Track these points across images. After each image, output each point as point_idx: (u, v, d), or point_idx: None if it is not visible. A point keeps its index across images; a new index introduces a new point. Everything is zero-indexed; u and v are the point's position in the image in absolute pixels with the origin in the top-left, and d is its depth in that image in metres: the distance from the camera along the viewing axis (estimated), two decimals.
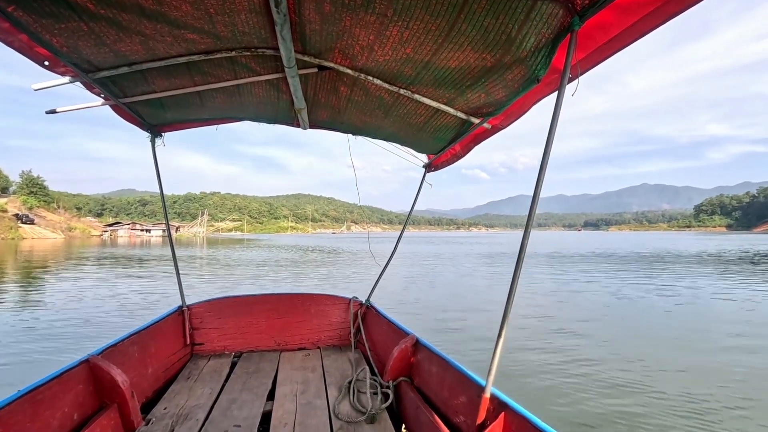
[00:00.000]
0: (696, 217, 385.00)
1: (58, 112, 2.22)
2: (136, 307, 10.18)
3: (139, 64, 2.03)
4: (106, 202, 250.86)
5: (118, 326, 8.07)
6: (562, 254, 33.18)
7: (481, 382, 1.88)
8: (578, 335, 7.71)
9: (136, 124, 2.80)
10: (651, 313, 9.95)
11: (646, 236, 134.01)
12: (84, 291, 12.80)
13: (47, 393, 1.81)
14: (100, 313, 9.55)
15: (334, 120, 3.00)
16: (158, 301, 11.11)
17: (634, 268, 21.93)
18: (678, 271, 20.10)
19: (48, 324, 8.39)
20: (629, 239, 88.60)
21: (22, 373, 5.51)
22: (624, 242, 65.06)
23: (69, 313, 9.42)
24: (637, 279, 16.81)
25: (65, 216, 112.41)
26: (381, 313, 3.38)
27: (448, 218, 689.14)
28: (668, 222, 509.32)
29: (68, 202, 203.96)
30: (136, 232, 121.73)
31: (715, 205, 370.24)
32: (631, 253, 34.46)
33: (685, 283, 15.44)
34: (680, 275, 18.05)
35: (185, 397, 2.60)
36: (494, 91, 1.96)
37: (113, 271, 19.39)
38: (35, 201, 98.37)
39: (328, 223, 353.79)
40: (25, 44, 1.67)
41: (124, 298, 11.47)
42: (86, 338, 7.32)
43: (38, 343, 7.06)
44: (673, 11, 1.20)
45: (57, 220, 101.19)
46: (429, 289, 13.58)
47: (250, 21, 1.71)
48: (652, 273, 19.20)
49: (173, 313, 3.24)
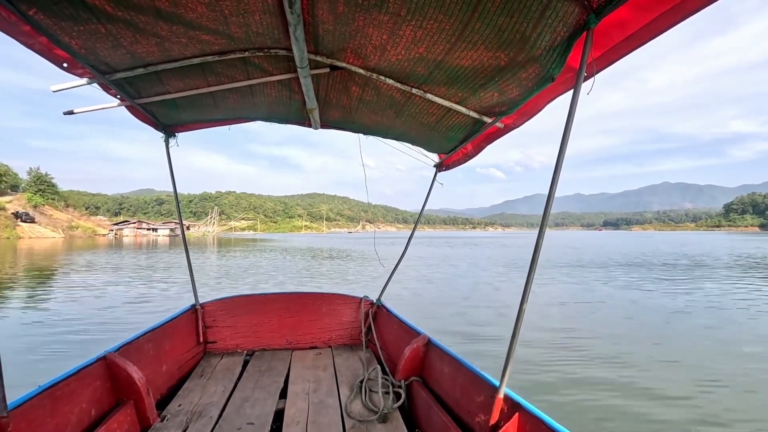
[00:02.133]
0: (726, 216, 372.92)
1: (75, 113, 2.25)
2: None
3: (155, 65, 2.05)
4: (124, 201, 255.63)
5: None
6: (593, 261, 25.00)
7: (494, 383, 1.88)
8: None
9: (150, 124, 2.82)
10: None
11: (674, 236, 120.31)
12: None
13: (66, 389, 1.85)
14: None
15: (345, 120, 2.98)
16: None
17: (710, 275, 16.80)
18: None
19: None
20: (658, 240, 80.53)
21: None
22: (656, 243, 56.60)
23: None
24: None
25: (74, 214, 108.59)
26: (392, 313, 3.38)
27: (463, 217, 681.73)
28: (695, 221, 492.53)
29: (85, 200, 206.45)
30: (142, 231, 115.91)
31: (747, 203, 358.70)
32: (679, 258, 26.97)
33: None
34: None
35: (199, 394, 2.63)
36: (507, 90, 1.92)
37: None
38: (40, 199, 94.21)
39: (343, 223, 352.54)
40: (45, 46, 1.70)
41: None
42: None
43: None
44: (693, 8, 1.17)
45: (63, 218, 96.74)
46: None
47: (263, 22, 1.72)
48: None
49: (187, 311, 3.28)
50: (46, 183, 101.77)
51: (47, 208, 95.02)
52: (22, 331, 7.53)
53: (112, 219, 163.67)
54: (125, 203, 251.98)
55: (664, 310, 9.72)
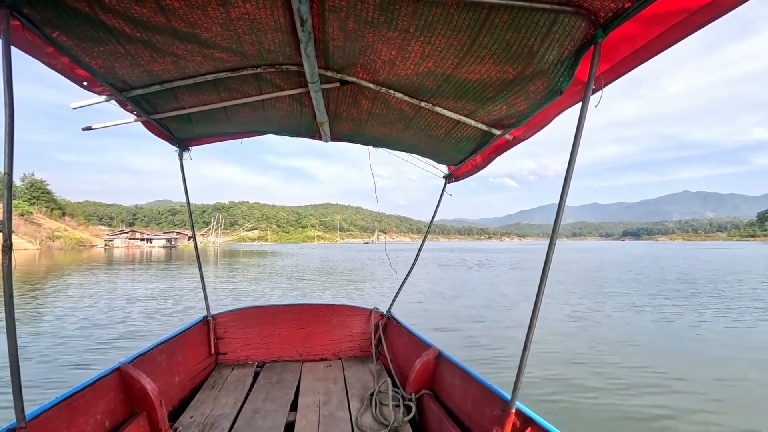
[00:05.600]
0: (761, 226, 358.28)
1: (93, 129, 2.30)
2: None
3: (170, 82, 2.11)
4: (138, 211, 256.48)
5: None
6: (653, 277, 19.97)
7: (506, 397, 1.86)
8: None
9: (165, 138, 2.88)
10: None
11: (712, 248, 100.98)
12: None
13: (82, 400, 1.89)
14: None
15: (355, 132, 3.01)
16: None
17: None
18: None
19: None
20: (696, 252, 63.84)
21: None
22: (699, 256, 46.08)
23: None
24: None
25: (70, 224, 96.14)
26: (402, 325, 3.35)
27: (478, 227, 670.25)
28: (720, 230, 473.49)
29: (100, 211, 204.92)
30: (135, 242, 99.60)
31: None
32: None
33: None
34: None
35: (210, 406, 2.64)
36: (516, 103, 1.93)
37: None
38: (29, 206, 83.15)
39: (356, 233, 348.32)
40: (67, 66, 1.78)
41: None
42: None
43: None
44: (701, 22, 1.16)
45: (55, 227, 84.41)
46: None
47: (276, 39, 1.76)
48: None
49: (199, 322, 3.29)
50: (41, 190, 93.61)
51: (38, 217, 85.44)
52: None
53: (113, 229, 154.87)
54: (139, 213, 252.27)
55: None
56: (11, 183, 1.40)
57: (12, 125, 1.37)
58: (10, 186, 1.41)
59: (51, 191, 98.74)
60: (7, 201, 1.41)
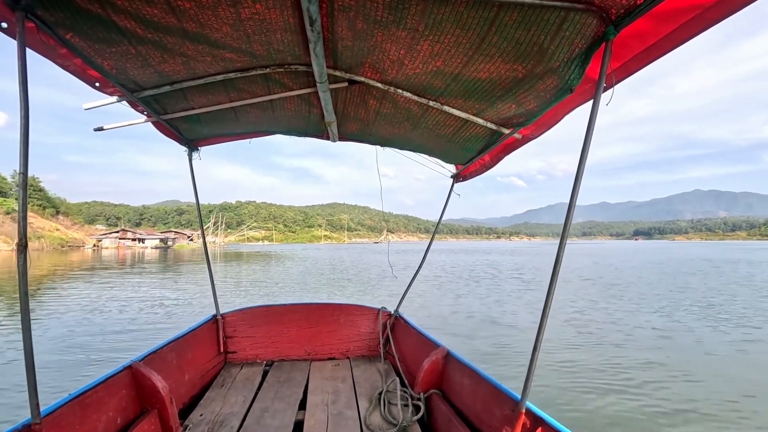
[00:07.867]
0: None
1: (105, 129, 2.32)
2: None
3: (180, 82, 2.12)
4: (145, 212, 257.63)
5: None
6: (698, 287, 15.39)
7: (515, 396, 1.85)
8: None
9: (174, 138, 2.90)
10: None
11: (737, 248, 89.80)
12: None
13: (94, 397, 1.91)
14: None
15: (362, 132, 3.00)
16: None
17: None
18: None
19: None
20: (726, 255, 50.68)
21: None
22: (732, 258, 39.58)
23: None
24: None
25: (64, 223, 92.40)
26: (410, 324, 3.35)
27: (486, 227, 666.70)
28: (734, 230, 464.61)
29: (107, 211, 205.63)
30: (126, 242, 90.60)
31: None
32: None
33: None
34: None
35: (220, 404, 2.66)
36: (525, 101, 1.91)
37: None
38: (14, 204, 73.13)
39: (364, 232, 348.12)
40: (79, 67, 1.80)
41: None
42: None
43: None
44: (714, 18, 1.15)
45: (47, 227, 79.83)
46: None
47: (285, 39, 1.77)
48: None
49: (208, 321, 3.31)
50: (32, 187, 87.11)
51: (30, 215, 73.85)
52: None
53: (110, 228, 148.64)
54: (146, 213, 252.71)
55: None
56: (26, 182, 1.41)
57: (27, 125, 1.38)
58: (25, 185, 1.41)
59: (44, 188, 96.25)
60: (22, 200, 1.42)
